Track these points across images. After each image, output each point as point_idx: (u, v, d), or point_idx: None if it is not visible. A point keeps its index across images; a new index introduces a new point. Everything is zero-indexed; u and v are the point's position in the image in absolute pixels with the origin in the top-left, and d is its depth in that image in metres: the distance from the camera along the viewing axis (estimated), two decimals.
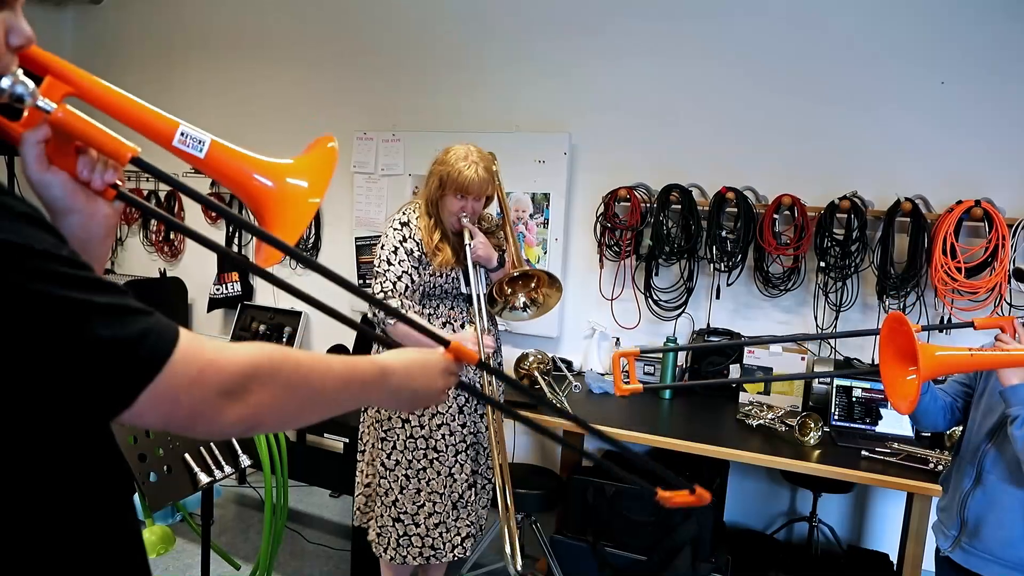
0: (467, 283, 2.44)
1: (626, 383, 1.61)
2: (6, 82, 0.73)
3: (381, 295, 2.36)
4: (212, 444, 2.04)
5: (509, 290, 2.54)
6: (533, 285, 2.56)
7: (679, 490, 1.18)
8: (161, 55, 4.85)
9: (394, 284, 2.37)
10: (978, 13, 3.02)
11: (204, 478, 1.96)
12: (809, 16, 3.27)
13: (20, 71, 0.74)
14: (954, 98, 3.08)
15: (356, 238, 4.21)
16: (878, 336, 1.54)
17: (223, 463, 2.03)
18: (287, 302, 4.52)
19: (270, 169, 0.94)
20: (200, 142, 0.90)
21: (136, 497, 1.42)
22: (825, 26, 3.25)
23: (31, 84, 0.75)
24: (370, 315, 2.55)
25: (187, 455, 1.94)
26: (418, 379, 0.97)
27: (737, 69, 3.40)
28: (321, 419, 0.86)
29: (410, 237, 2.41)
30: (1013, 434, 1.62)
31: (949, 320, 2.99)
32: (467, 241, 2.38)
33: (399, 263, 2.38)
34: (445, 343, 1.01)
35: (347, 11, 4.27)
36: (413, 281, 2.40)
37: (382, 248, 2.42)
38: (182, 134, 0.89)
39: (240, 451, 2.12)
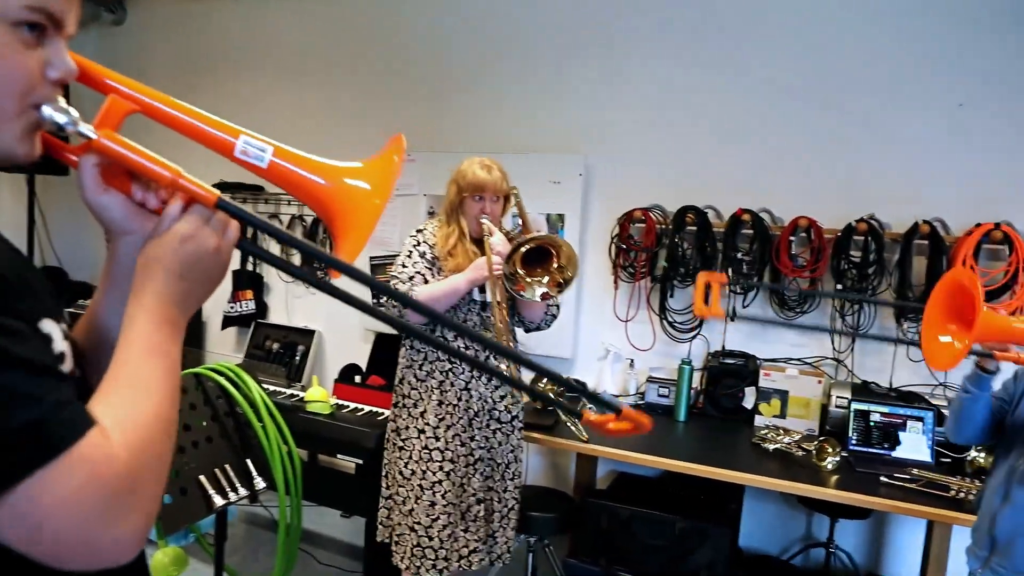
0: (482, 288, 2.47)
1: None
2: (46, 111, 0.73)
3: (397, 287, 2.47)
4: (227, 465, 2.04)
5: (524, 271, 2.44)
6: (555, 266, 2.45)
7: (607, 414, 0.99)
8: (183, 75, 4.91)
9: (404, 283, 2.48)
10: (996, 35, 3.01)
11: (219, 500, 1.95)
12: (826, 38, 3.27)
13: (62, 99, 0.75)
14: (973, 120, 3.06)
15: (371, 258, 4.22)
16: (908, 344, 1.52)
17: (238, 485, 2.03)
18: (301, 320, 4.53)
19: (334, 172, 0.93)
20: (262, 151, 0.89)
21: None
22: (842, 48, 3.25)
23: (72, 112, 0.75)
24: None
25: (202, 477, 1.94)
26: (188, 270, 0.77)
27: (753, 90, 3.40)
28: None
29: (423, 242, 2.55)
30: None
31: None
32: (486, 236, 2.42)
33: (412, 265, 2.51)
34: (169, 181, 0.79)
35: (364, 31, 4.31)
36: (426, 281, 2.50)
37: (400, 255, 2.57)
38: (245, 143, 0.88)
39: (255, 473, 2.11)
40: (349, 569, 3.41)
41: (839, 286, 3.14)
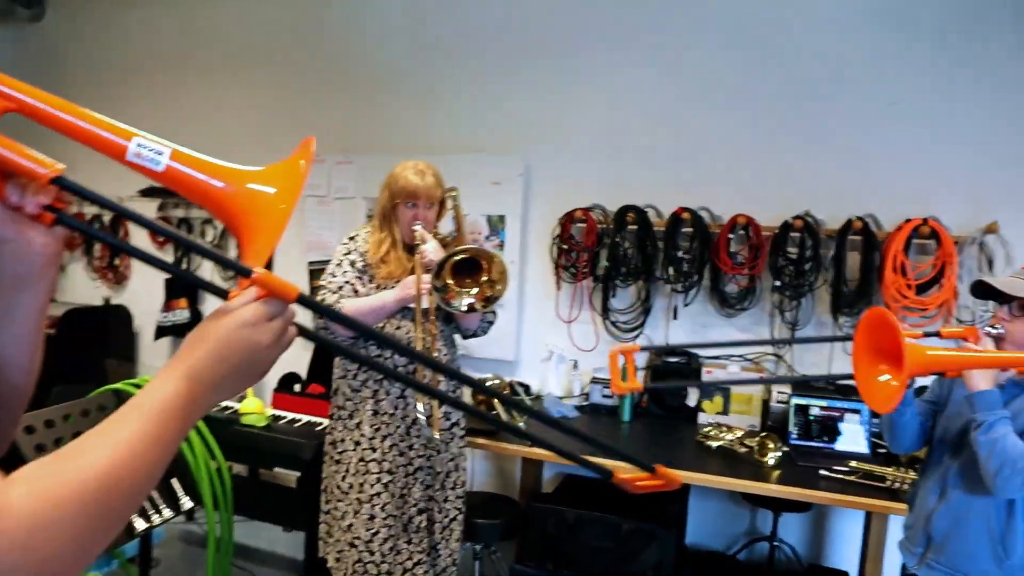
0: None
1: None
2: None
3: (320, 299, 2.39)
4: None
5: (452, 281, 2.36)
6: (485, 278, 2.38)
7: (641, 472, 0.99)
8: (105, 75, 4.70)
9: (334, 293, 2.40)
10: (926, 37, 3.09)
11: (141, 524, 1.85)
12: (761, 40, 3.31)
13: None
14: (903, 119, 3.13)
15: (309, 263, 4.11)
16: (846, 341, 1.53)
17: (161, 507, 1.92)
18: None
19: (236, 177, 0.86)
20: (158, 153, 0.81)
21: None
22: (777, 49, 3.29)
23: None
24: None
25: None
26: (233, 355, 0.73)
27: (691, 91, 3.42)
28: (141, 503, 0.70)
29: (355, 250, 2.47)
30: (977, 440, 1.61)
31: None
32: (418, 244, 2.36)
33: (342, 274, 2.43)
34: (246, 272, 0.76)
35: (298, 32, 4.20)
36: (356, 292, 2.43)
37: (330, 263, 2.48)
38: (139, 145, 0.81)
39: (181, 492, 2.01)
40: None
41: (777, 282, 3.18)
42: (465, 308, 2.36)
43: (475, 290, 2.35)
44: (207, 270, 4.38)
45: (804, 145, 3.27)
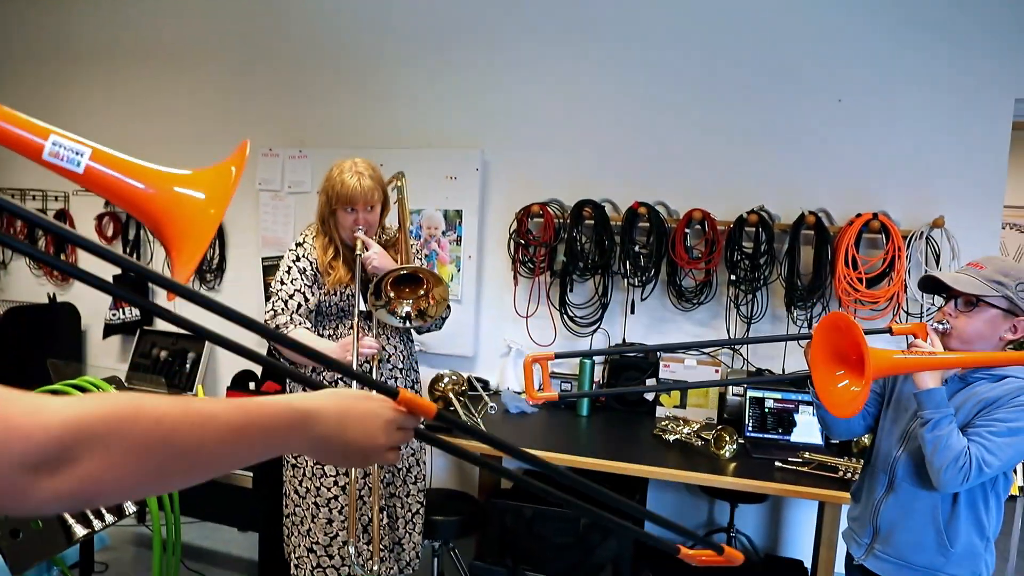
0: (363, 298, 2.36)
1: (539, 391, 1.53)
2: None
3: (271, 313, 2.34)
4: None
5: (393, 293, 2.37)
6: (422, 292, 2.40)
7: (704, 550, 1.02)
8: (45, 65, 4.54)
9: (285, 303, 2.34)
10: (871, 35, 3.14)
11: (80, 530, 1.78)
12: (714, 36, 3.33)
13: None
14: (851, 116, 3.18)
15: (263, 258, 4.03)
16: (799, 340, 1.54)
17: (103, 512, 1.85)
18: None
19: (162, 179, 0.82)
20: (77, 154, 0.77)
21: None
22: (729, 46, 3.31)
23: None
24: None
25: None
26: (353, 429, 0.80)
27: (646, 86, 3.43)
28: (209, 478, 0.71)
29: (304, 256, 2.40)
30: (923, 436, 1.64)
31: None
32: (358, 252, 2.30)
33: (292, 282, 2.36)
34: (393, 393, 0.83)
35: (250, 22, 4.10)
36: (307, 299, 2.37)
37: (278, 270, 2.41)
38: (55, 145, 0.76)
39: None
40: None
41: (732, 276, 3.21)
42: (403, 316, 2.35)
43: (411, 300, 2.35)
44: (160, 260, 4.27)
45: (757, 141, 3.30)
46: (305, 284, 2.36)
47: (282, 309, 2.33)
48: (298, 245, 2.42)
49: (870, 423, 1.93)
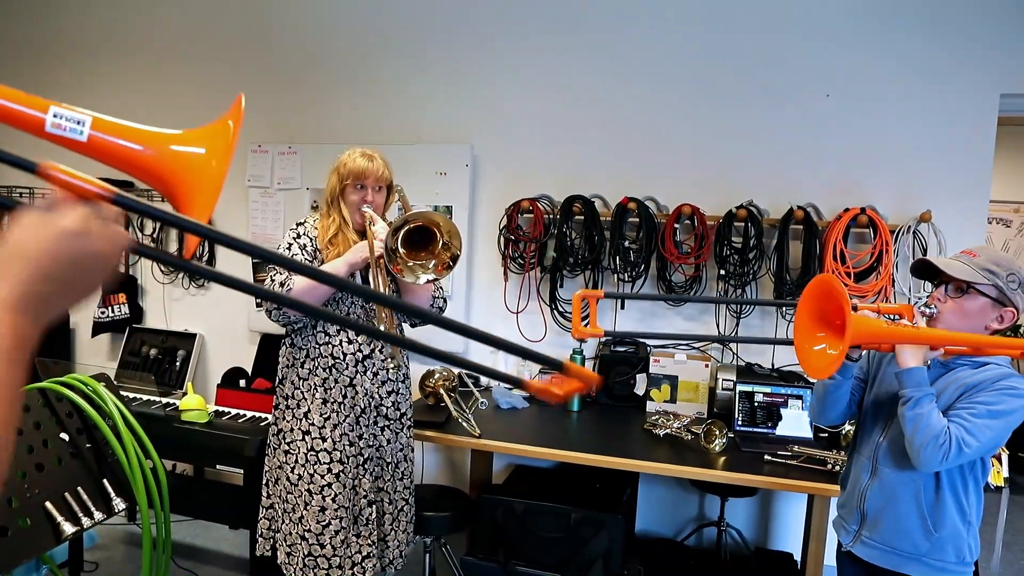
0: (365, 277, 2.36)
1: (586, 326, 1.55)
2: None
3: (269, 281, 2.35)
4: (79, 488, 1.85)
5: (405, 251, 2.28)
6: (439, 245, 2.30)
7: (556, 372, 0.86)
8: (32, 58, 4.51)
9: (283, 273, 2.34)
10: (859, 31, 3.15)
11: (69, 528, 1.77)
12: (705, 32, 3.34)
13: None
14: (838, 111, 3.20)
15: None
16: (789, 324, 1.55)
17: (92, 509, 1.85)
18: (181, 324, 4.26)
19: (161, 140, 0.85)
20: (79, 123, 0.77)
21: None
22: (719, 42, 3.32)
23: None
24: (264, 310, 2.42)
25: (48, 503, 1.75)
26: (62, 269, 0.62)
27: (637, 81, 3.43)
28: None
29: (304, 234, 2.44)
30: (903, 414, 1.65)
31: None
32: (368, 226, 2.32)
33: (292, 257, 2.36)
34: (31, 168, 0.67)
35: (241, 17, 4.08)
36: None
37: (278, 249, 2.44)
38: (56, 116, 0.76)
39: (113, 494, 1.93)
40: None
41: (722, 271, 3.22)
42: (423, 283, 2.30)
43: (432, 263, 2.30)
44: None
45: (745, 136, 3.31)
46: (305, 259, 2.39)
47: (284, 280, 2.32)
48: (299, 224, 2.47)
49: (854, 410, 1.94)
